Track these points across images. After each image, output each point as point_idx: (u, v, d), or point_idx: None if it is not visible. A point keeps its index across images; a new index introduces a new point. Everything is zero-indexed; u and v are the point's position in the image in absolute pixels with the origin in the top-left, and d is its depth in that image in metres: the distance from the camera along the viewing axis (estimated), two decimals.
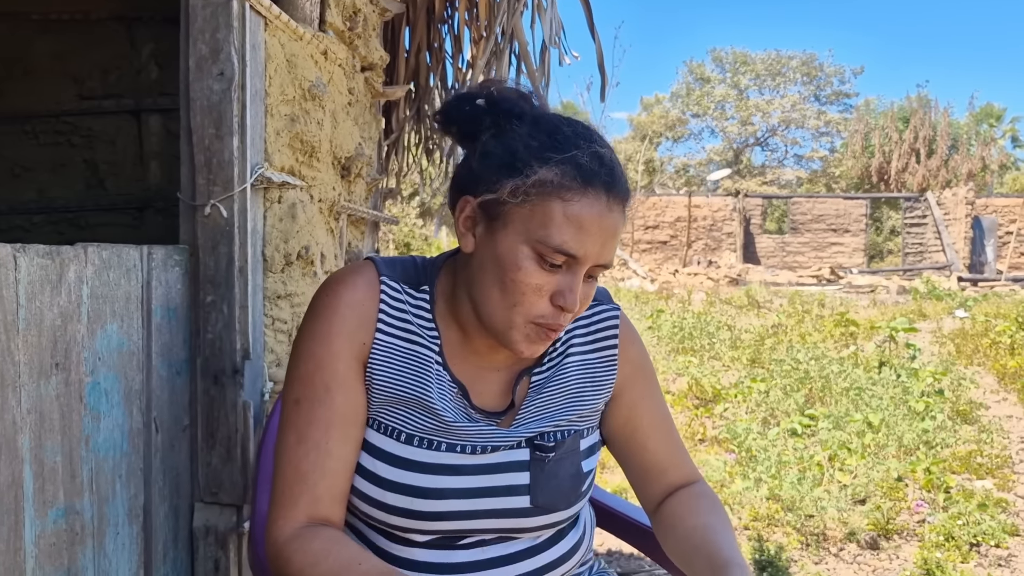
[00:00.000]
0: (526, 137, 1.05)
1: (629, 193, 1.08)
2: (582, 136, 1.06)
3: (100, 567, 1.27)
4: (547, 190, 1.02)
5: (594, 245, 1.03)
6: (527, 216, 1.03)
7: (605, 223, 1.03)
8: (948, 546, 3.37)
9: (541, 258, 1.03)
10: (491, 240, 1.06)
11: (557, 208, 1.01)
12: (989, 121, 32.19)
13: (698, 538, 1.14)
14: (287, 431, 1.10)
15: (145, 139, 2.55)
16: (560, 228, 1.01)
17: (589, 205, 1.02)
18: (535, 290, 1.04)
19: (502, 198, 1.04)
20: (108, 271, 1.28)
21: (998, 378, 7.02)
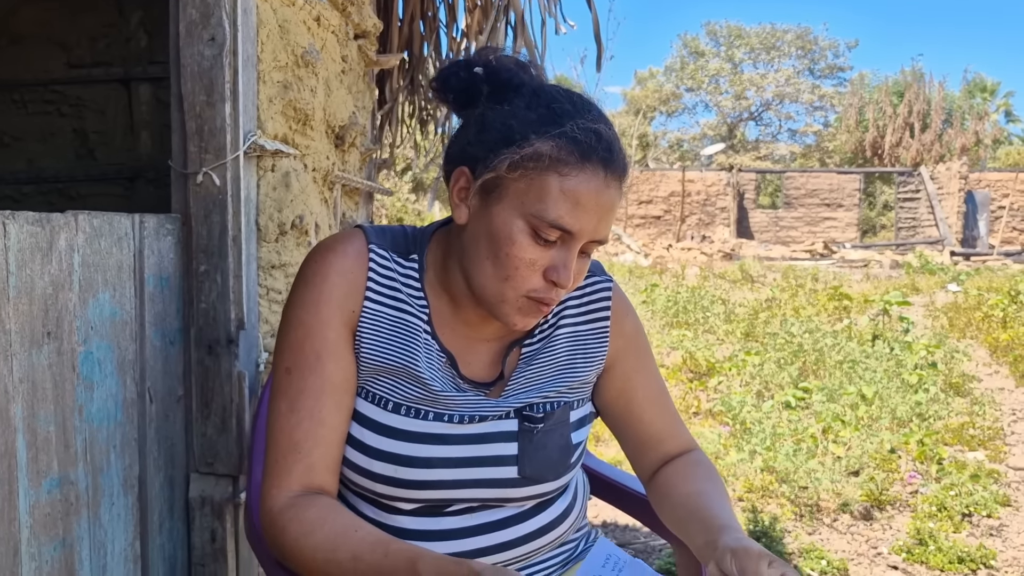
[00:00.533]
0: (524, 109, 1.04)
1: (627, 169, 1.07)
2: (581, 109, 1.04)
3: (96, 537, 1.26)
4: (544, 164, 1.00)
5: (590, 221, 1.02)
6: (523, 190, 1.01)
7: (602, 199, 1.02)
8: (941, 516, 3.40)
9: (536, 233, 1.01)
10: (485, 212, 1.04)
11: (554, 183, 1.00)
12: (983, 95, 32.13)
13: (693, 504, 1.13)
14: (278, 400, 1.09)
15: (135, 108, 2.51)
16: (556, 203, 1.00)
17: (586, 180, 1.00)
18: (528, 265, 1.03)
19: (498, 170, 1.02)
20: (99, 239, 1.26)
21: (990, 351, 7.06)
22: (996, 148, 30.33)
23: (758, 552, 0.96)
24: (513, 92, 1.06)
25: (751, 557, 0.95)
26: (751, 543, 0.98)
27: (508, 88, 1.06)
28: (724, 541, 1.00)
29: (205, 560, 1.51)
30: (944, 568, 2.96)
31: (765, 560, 0.94)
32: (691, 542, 1.10)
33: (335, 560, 1.00)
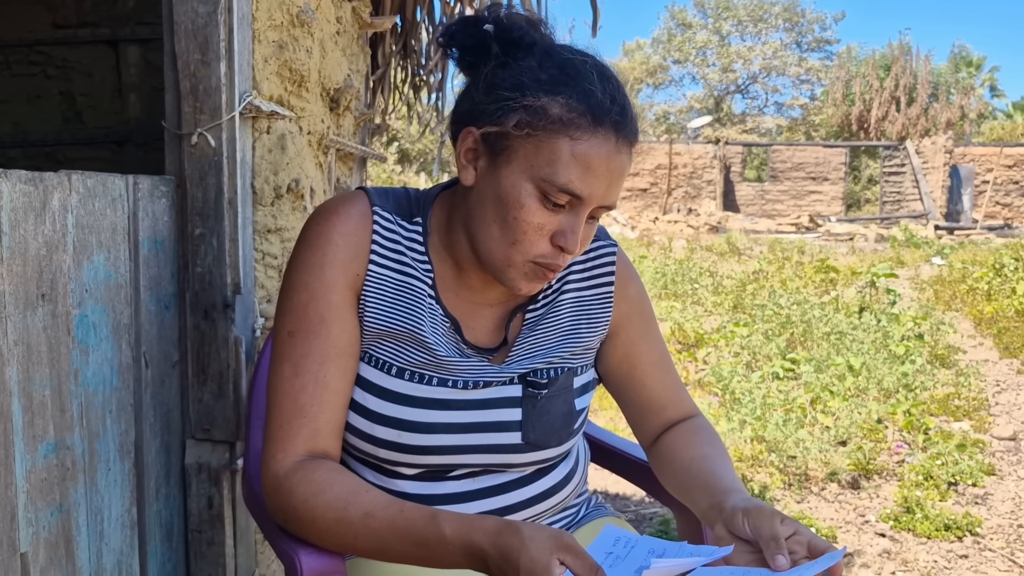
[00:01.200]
0: (536, 69, 1.01)
1: (637, 134, 1.05)
2: (595, 72, 1.01)
3: (92, 503, 1.24)
4: (555, 127, 0.98)
5: (600, 186, 1.00)
6: (532, 152, 0.99)
7: (613, 164, 1.00)
8: (927, 485, 3.44)
9: (545, 196, 1.00)
10: (493, 175, 1.02)
11: (565, 146, 0.98)
12: (969, 70, 32.16)
13: (696, 468, 1.13)
14: (281, 364, 1.07)
15: (123, 70, 2.46)
16: (567, 167, 0.98)
17: (598, 145, 0.98)
18: (536, 229, 1.01)
19: (507, 131, 1.00)
20: (93, 200, 1.23)
21: (975, 323, 7.12)
22: (981, 123, 30.42)
23: (771, 510, 0.95)
24: (524, 51, 1.03)
25: (764, 515, 0.94)
26: (762, 503, 0.98)
27: (519, 46, 1.04)
28: (733, 503, 0.99)
29: (202, 527, 1.50)
30: (931, 535, 3.00)
31: (778, 518, 0.94)
32: (695, 506, 1.10)
33: (346, 519, 0.99)
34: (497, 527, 0.90)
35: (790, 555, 0.91)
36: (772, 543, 0.91)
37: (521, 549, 0.86)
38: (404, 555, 0.97)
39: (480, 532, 0.91)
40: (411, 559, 0.97)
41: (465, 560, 0.92)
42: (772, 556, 0.91)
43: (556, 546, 0.85)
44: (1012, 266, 9.37)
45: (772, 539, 0.92)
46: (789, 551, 0.91)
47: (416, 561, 0.97)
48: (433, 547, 0.94)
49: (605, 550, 0.90)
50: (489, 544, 0.89)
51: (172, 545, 1.47)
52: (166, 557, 1.45)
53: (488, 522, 0.92)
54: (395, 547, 0.97)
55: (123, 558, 1.32)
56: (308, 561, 1.05)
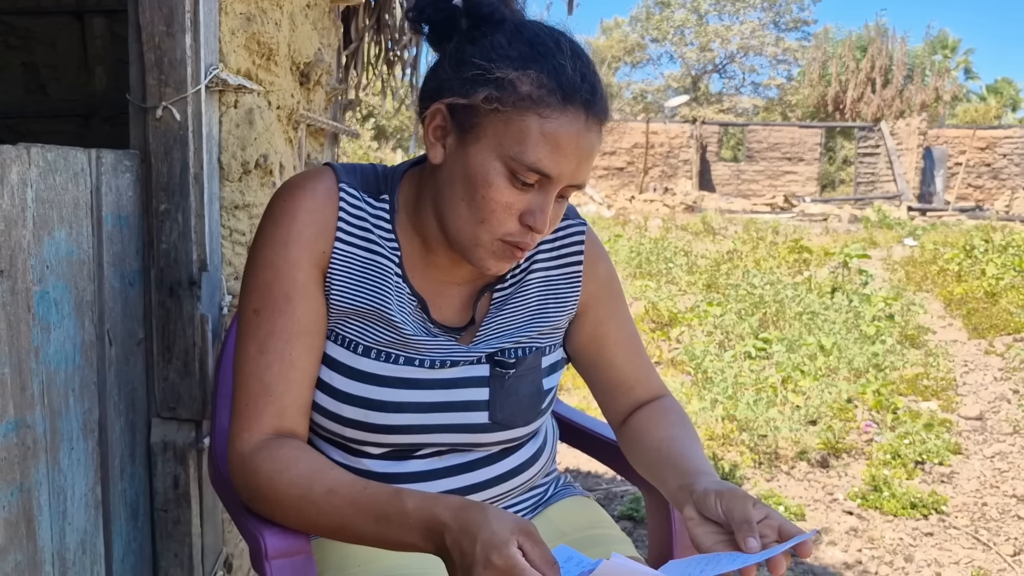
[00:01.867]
0: (505, 45, 0.99)
1: (608, 112, 1.03)
2: (564, 48, 1.00)
3: (55, 482, 1.22)
4: (524, 104, 0.96)
5: (569, 165, 0.99)
6: (501, 130, 0.98)
7: (582, 143, 0.99)
8: (895, 464, 3.49)
9: (513, 175, 0.98)
10: (462, 153, 1.01)
11: (534, 124, 0.96)
12: (944, 52, 32.36)
13: (665, 449, 1.13)
14: (247, 342, 1.05)
15: (89, 42, 2.40)
16: (536, 145, 0.97)
17: (568, 123, 0.97)
18: (504, 208, 1.00)
19: (476, 105, 0.98)
20: (54, 174, 1.20)
21: (945, 304, 7.21)
22: (955, 105, 30.68)
23: (743, 494, 0.96)
24: (494, 27, 1.01)
25: (737, 498, 0.95)
26: (734, 486, 0.98)
27: (489, 22, 1.02)
28: (704, 485, 0.99)
29: (168, 506, 1.49)
30: (897, 513, 3.05)
31: (750, 501, 0.94)
32: (664, 487, 1.10)
33: (309, 496, 0.98)
34: (461, 503, 0.90)
35: (761, 539, 0.91)
36: (744, 526, 0.92)
37: (483, 523, 0.85)
38: (363, 533, 0.96)
39: (443, 506, 0.90)
40: (370, 537, 0.96)
41: (422, 536, 0.91)
42: (744, 539, 0.91)
43: (518, 528, 0.85)
44: (982, 248, 9.50)
45: (744, 522, 0.92)
46: (760, 535, 0.91)
47: (374, 539, 0.96)
48: (393, 523, 0.93)
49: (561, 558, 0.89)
50: (451, 517, 0.89)
51: (137, 524, 1.46)
52: (131, 536, 1.44)
53: (452, 499, 0.91)
54: (355, 524, 0.96)
55: (87, 537, 1.31)
56: (273, 541, 1.04)
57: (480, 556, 0.83)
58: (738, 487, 0.98)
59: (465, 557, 0.85)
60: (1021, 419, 4.11)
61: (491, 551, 0.83)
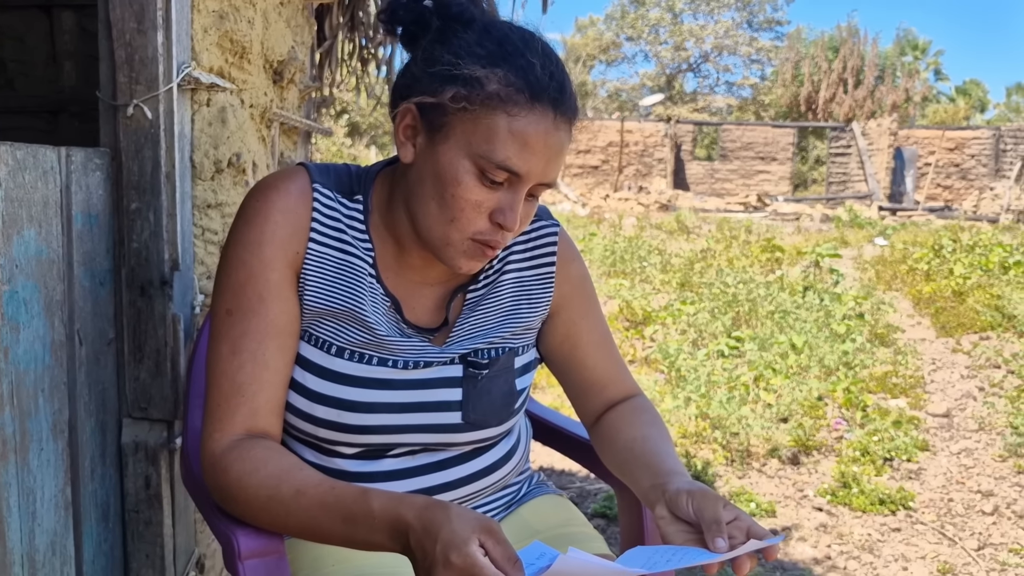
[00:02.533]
0: (474, 44, 1.00)
1: (577, 111, 1.04)
2: (532, 48, 1.00)
3: (24, 483, 1.21)
4: (492, 103, 0.97)
5: (538, 163, 0.99)
6: (470, 129, 0.98)
7: (551, 141, 0.99)
8: (864, 461, 3.54)
9: (482, 174, 0.99)
10: (431, 152, 1.01)
11: (502, 122, 0.97)
12: (914, 53, 32.78)
13: (638, 449, 1.14)
14: (219, 342, 1.05)
15: (57, 37, 2.36)
16: (504, 144, 0.97)
17: (535, 122, 0.98)
18: (474, 206, 1.00)
19: (443, 103, 0.98)
20: (23, 172, 1.19)
21: (914, 303, 7.31)
22: (925, 106, 31.09)
23: (714, 495, 0.97)
24: (463, 26, 1.02)
25: (708, 499, 0.96)
26: (706, 487, 1.00)
27: (458, 22, 1.02)
28: (676, 485, 1.01)
29: (139, 507, 1.48)
30: (866, 509, 3.09)
31: (721, 503, 0.96)
32: (636, 486, 1.11)
33: (278, 497, 0.98)
34: (426, 503, 0.90)
35: (729, 539, 0.92)
36: (713, 526, 0.93)
37: (444, 523, 0.86)
38: (331, 533, 0.96)
39: (407, 506, 0.90)
40: (338, 538, 0.96)
41: (388, 536, 0.91)
42: (712, 538, 0.92)
43: (480, 527, 0.85)
44: (950, 247, 9.64)
45: (714, 522, 0.93)
46: (729, 535, 0.93)
47: (342, 540, 0.96)
48: (359, 523, 0.93)
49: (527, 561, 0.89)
50: (414, 517, 0.89)
51: (108, 526, 1.45)
52: (102, 538, 1.43)
53: (417, 498, 0.92)
54: (324, 525, 0.96)
55: (57, 539, 1.29)
56: (246, 541, 1.04)
57: (440, 556, 0.84)
58: (709, 488, 0.99)
59: (426, 557, 0.86)
60: (987, 416, 4.18)
61: (450, 550, 0.83)
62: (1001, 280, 7.66)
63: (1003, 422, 4.07)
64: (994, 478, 3.45)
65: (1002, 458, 3.66)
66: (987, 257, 8.77)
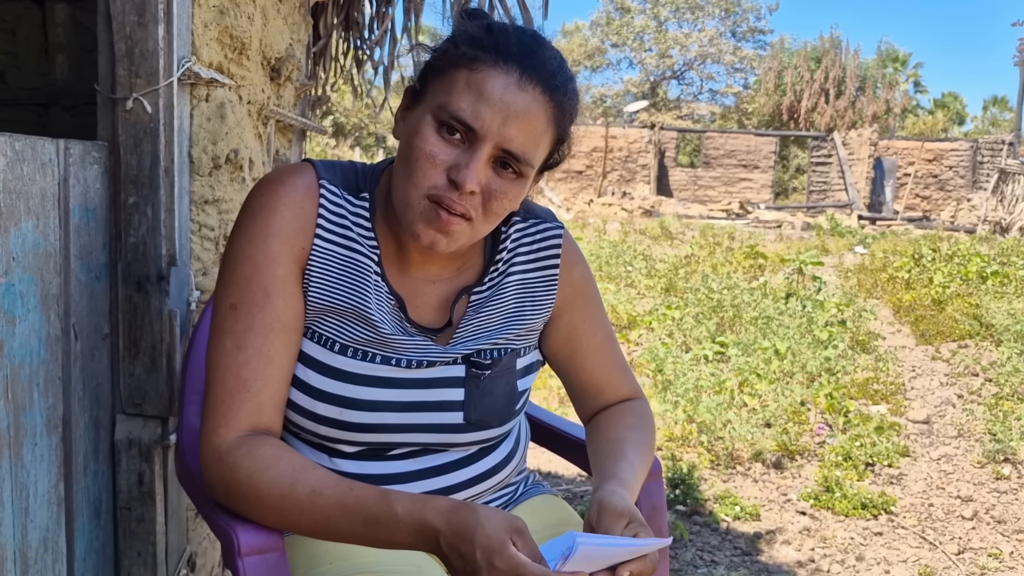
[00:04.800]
0: (467, 28, 1.02)
1: (557, 85, 1.01)
2: (520, 31, 1.03)
3: (18, 478, 1.20)
4: (460, 62, 0.99)
5: (493, 119, 0.97)
6: (438, 87, 1.01)
7: (509, 97, 0.97)
8: (846, 465, 3.57)
9: (440, 124, 1.00)
10: (409, 118, 1.05)
11: (462, 76, 0.99)
12: (895, 65, 33.11)
13: (607, 450, 1.16)
14: (223, 337, 1.04)
15: (50, 30, 2.34)
16: (460, 94, 0.98)
17: (496, 76, 0.98)
18: (428, 158, 0.99)
19: (424, 73, 1.03)
20: (22, 164, 1.18)
21: (894, 311, 7.38)
22: (904, 117, 31.40)
23: (620, 510, 0.98)
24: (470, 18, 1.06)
25: (612, 513, 0.98)
26: (618, 500, 1.00)
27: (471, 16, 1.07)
28: (601, 492, 1.03)
29: (132, 503, 1.47)
30: (848, 513, 3.12)
31: (624, 519, 0.97)
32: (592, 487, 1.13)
33: (292, 495, 0.97)
34: (451, 506, 0.91)
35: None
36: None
37: (477, 527, 0.87)
38: (350, 534, 0.96)
39: (433, 511, 0.91)
40: (357, 538, 0.96)
41: (415, 539, 0.92)
42: None
43: (511, 528, 0.86)
44: (930, 257, 9.75)
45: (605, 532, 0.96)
46: None
47: (362, 540, 0.96)
48: (382, 525, 0.93)
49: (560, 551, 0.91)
50: (443, 523, 0.89)
51: (100, 522, 1.43)
52: (94, 535, 1.42)
53: (441, 502, 0.92)
54: (341, 525, 0.96)
55: (49, 535, 1.28)
56: (246, 537, 1.03)
57: (483, 561, 0.85)
58: (622, 502, 1.00)
59: (467, 563, 0.87)
60: (965, 423, 4.23)
61: (492, 555, 0.85)
62: (979, 289, 7.75)
63: (981, 429, 4.11)
64: (973, 484, 3.49)
65: (981, 464, 3.70)
66: (965, 267, 8.87)
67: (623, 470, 1.09)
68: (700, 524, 3.01)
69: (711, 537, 2.91)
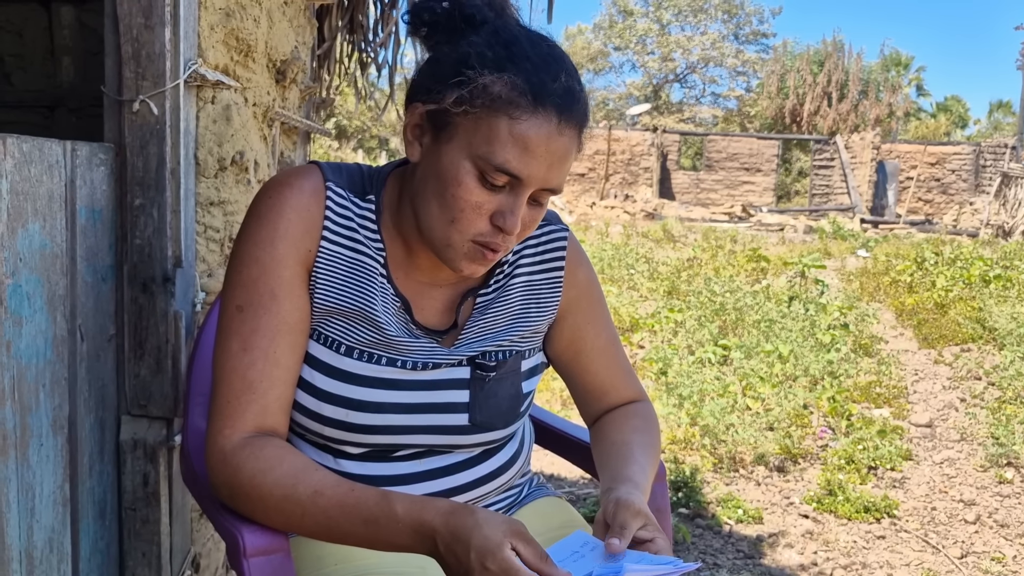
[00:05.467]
0: (482, 46, 0.99)
1: (586, 117, 1.03)
2: (541, 52, 1.00)
3: (24, 479, 1.20)
4: (495, 105, 0.96)
5: (539, 168, 0.98)
6: (472, 130, 0.98)
7: (553, 146, 0.98)
8: (849, 469, 3.57)
9: (483, 176, 0.98)
10: (436, 152, 1.01)
11: (503, 125, 0.96)
12: (897, 69, 33.11)
13: (614, 452, 1.16)
14: (229, 339, 1.05)
15: (56, 32, 2.34)
16: (504, 147, 0.96)
17: (538, 125, 0.97)
18: (474, 208, 1.00)
19: (446, 106, 0.98)
20: (29, 166, 1.18)
21: (896, 314, 7.38)
22: (907, 120, 31.40)
23: (637, 510, 0.99)
24: (474, 29, 1.02)
25: (630, 511, 0.98)
26: (636, 500, 1.01)
27: (470, 24, 1.02)
28: (615, 492, 1.03)
29: (136, 504, 1.47)
30: (851, 517, 3.12)
31: (641, 519, 0.98)
32: (600, 488, 1.13)
33: (294, 496, 0.98)
34: (450, 507, 0.91)
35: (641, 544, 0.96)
36: (617, 528, 0.96)
37: (474, 529, 0.87)
38: (350, 534, 0.97)
39: (432, 511, 0.91)
40: (357, 539, 0.97)
41: (413, 539, 0.92)
42: (609, 537, 0.95)
43: (509, 531, 0.86)
44: (932, 260, 9.74)
45: (619, 526, 0.96)
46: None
47: (362, 541, 0.97)
48: (382, 526, 0.94)
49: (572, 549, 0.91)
50: (441, 524, 0.90)
51: (105, 523, 1.44)
52: (99, 535, 1.42)
53: (441, 503, 0.92)
54: (342, 525, 0.96)
55: (55, 535, 1.29)
56: (251, 538, 1.04)
57: (476, 563, 0.85)
58: (639, 502, 1.01)
59: (460, 564, 0.87)
60: (968, 427, 4.22)
61: (486, 557, 0.84)
62: (982, 293, 7.74)
63: (984, 433, 4.11)
64: (976, 488, 3.48)
65: (983, 468, 3.70)
66: (968, 270, 8.86)
67: (635, 473, 1.10)
68: (703, 527, 3.01)
69: (714, 540, 2.91)
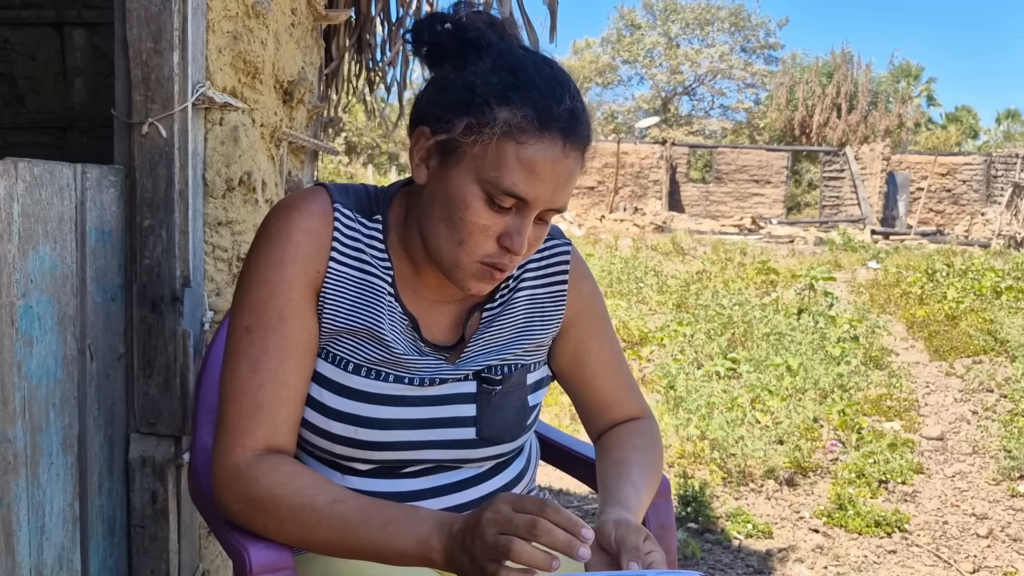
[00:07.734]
0: (487, 72, 1.01)
1: (589, 138, 1.05)
2: (545, 76, 1.02)
3: (34, 497, 1.22)
4: (502, 130, 0.98)
5: (545, 190, 1.01)
6: (480, 155, 1.00)
7: (559, 168, 1.00)
8: (859, 483, 3.55)
9: (490, 199, 1.00)
10: (443, 175, 1.03)
11: (510, 150, 0.98)
12: (907, 79, 33.07)
13: (613, 471, 1.17)
14: (238, 360, 1.06)
15: (68, 54, 2.38)
16: (511, 171, 0.99)
17: (543, 150, 0.99)
18: (482, 230, 1.02)
19: (454, 134, 1.00)
20: (40, 189, 1.21)
21: (907, 326, 7.34)
22: (917, 131, 31.33)
23: (638, 527, 1.01)
24: (478, 53, 1.03)
25: (631, 530, 0.99)
26: (634, 521, 1.03)
27: (474, 48, 1.04)
28: (610, 514, 1.04)
29: (145, 522, 1.48)
30: (862, 531, 3.10)
31: (643, 535, 0.99)
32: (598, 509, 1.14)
33: (312, 504, 0.99)
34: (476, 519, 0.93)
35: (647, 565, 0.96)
36: (632, 551, 0.97)
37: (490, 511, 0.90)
38: (364, 540, 0.97)
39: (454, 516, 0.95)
40: (368, 545, 0.97)
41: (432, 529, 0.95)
42: (626, 561, 0.96)
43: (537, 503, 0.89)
44: (943, 272, 9.70)
45: (632, 548, 0.97)
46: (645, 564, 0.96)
47: (372, 548, 0.97)
48: (403, 525, 0.96)
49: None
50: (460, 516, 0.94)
51: (114, 540, 1.45)
52: (108, 552, 1.43)
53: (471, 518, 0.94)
54: (358, 530, 0.98)
55: (64, 553, 1.30)
56: (257, 556, 1.05)
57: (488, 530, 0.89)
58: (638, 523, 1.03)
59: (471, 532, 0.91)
60: (980, 440, 4.20)
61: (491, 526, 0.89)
62: (994, 305, 7.70)
63: (996, 446, 4.08)
64: (988, 501, 3.46)
65: (996, 481, 3.67)
66: (979, 282, 8.82)
67: (628, 495, 1.11)
68: (712, 542, 3.00)
69: (723, 555, 2.90)
